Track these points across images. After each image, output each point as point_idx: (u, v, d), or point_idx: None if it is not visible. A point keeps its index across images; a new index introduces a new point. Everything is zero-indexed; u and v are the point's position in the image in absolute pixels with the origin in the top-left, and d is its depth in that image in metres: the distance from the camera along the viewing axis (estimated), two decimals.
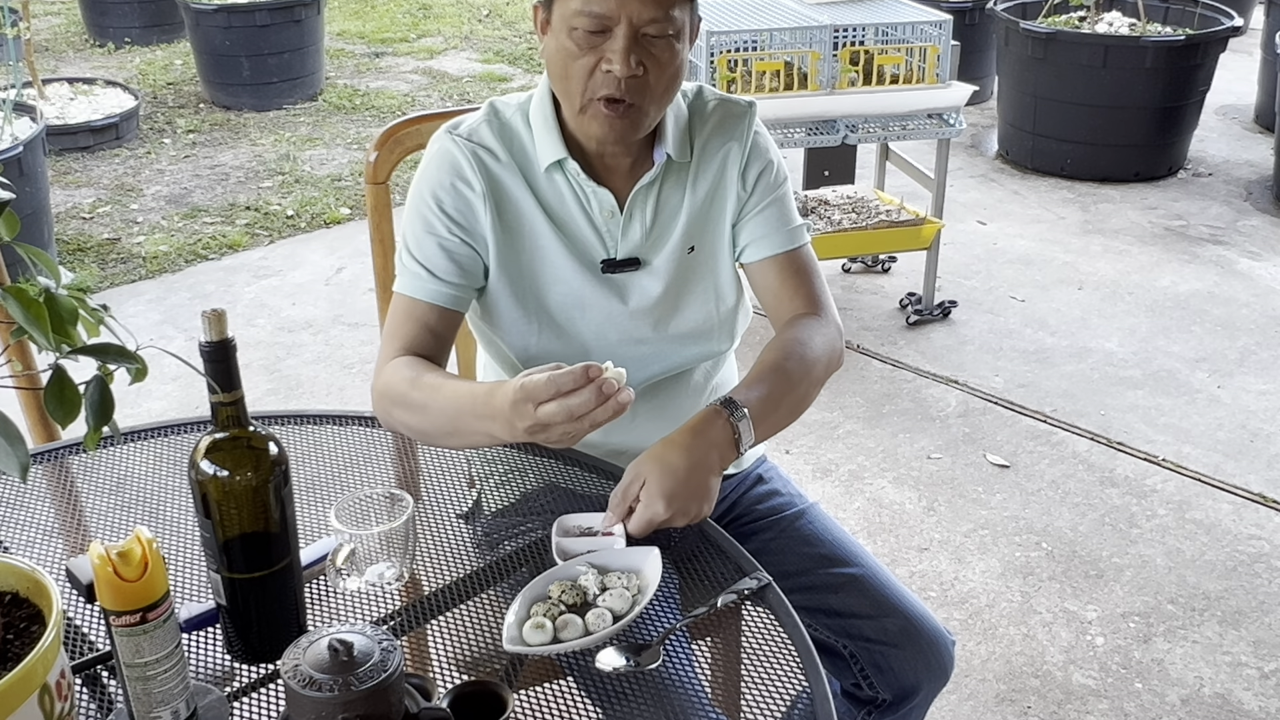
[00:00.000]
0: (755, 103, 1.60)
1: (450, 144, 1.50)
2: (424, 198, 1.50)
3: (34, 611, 1.00)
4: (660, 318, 1.54)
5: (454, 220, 1.48)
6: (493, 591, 1.30)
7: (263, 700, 1.13)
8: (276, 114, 5.85)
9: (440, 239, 1.48)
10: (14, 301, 0.93)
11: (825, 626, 1.56)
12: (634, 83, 1.39)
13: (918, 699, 1.56)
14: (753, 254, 1.59)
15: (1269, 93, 5.41)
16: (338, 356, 3.57)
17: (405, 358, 1.45)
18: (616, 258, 1.51)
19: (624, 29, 1.38)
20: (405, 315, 1.48)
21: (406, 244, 1.51)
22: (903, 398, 3.34)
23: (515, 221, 1.50)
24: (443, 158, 1.50)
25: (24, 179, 3.75)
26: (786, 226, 1.59)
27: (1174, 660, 2.39)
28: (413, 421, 1.42)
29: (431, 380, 1.40)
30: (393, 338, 1.48)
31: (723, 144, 1.56)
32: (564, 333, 1.53)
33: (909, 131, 3.51)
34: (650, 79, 1.41)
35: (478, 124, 1.51)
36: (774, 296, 1.60)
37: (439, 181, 1.49)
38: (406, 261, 1.50)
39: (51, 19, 7.64)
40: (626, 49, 1.38)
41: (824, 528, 1.64)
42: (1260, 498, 2.90)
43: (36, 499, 1.46)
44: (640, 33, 1.38)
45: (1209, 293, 3.98)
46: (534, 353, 1.53)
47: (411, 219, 1.51)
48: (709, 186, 1.55)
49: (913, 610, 1.56)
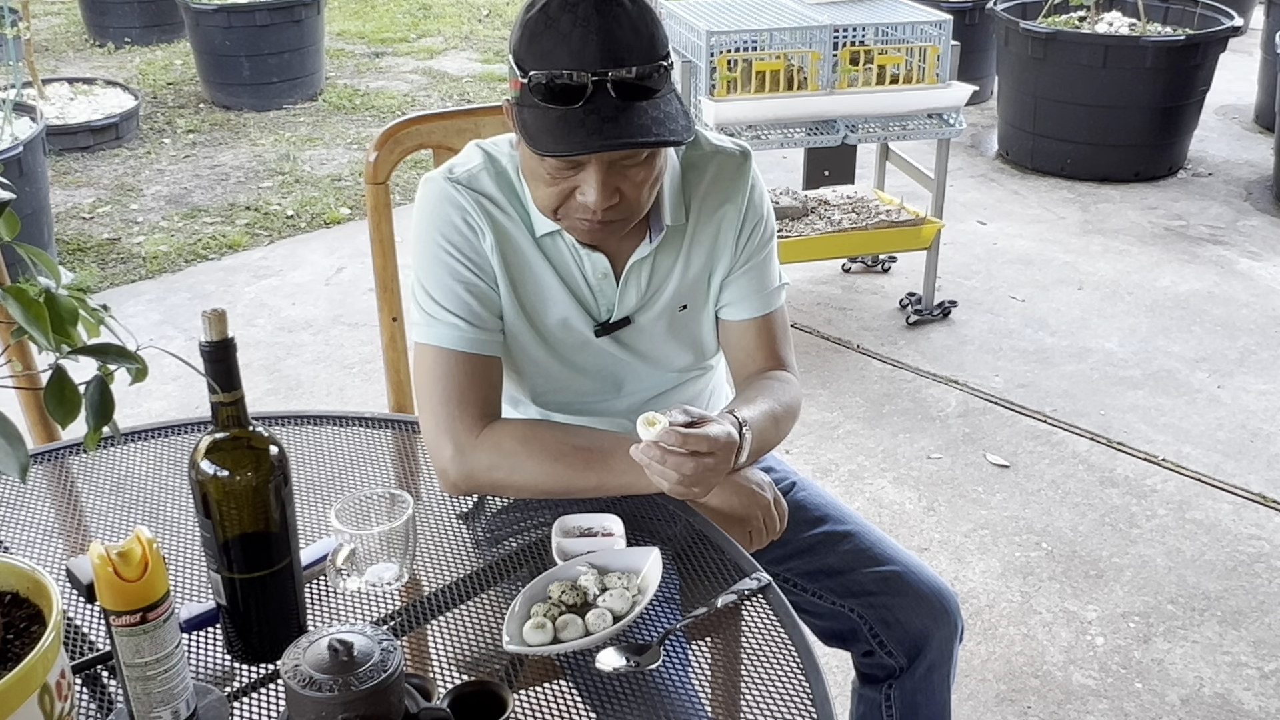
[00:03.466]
0: (750, 152, 1.55)
1: (451, 190, 1.44)
2: (435, 240, 1.44)
3: (34, 611, 1.00)
4: (653, 357, 1.56)
5: (472, 260, 1.44)
6: (493, 591, 1.30)
7: (263, 700, 1.13)
8: (276, 114, 5.85)
9: (468, 284, 1.43)
10: (14, 301, 0.93)
11: (829, 590, 1.60)
12: (612, 209, 1.35)
13: (931, 652, 1.58)
14: (731, 314, 1.58)
15: (1269, 93, 5.41)
16: (338, 356, 3.57)
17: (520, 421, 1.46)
18: (611, 320, 1.51)
19: (596, 165, 1.31)
20: (462, 371, 1.42)
21: (430, 293, 1.44)
22: (903, 398, 3.34)
23: (521, 269, 1.47)
24: (445, 201, 1.45)
25: (24, 179, 3.75)
26: (767, 289, 1.57)
27: (1174, 660, 2.39)
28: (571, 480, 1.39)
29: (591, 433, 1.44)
30: (464, 401, 1.41)
31: (719, 205, 1.51)
32: (572, 365, 1.54)
33: (909, 131, 3.51)
34: (631, 197, 1.36)
35: (476, 171, 1.46)
36: (743, 353, 1.60)
37: (447, 222, 1.44)
38: (434, 311, 1.43)
39: (51, 19, 7.64)
40: (601, 182, 1.32)
41: (817, 493, 1.70)
42: (1260, 498, 2.90)
43: (36, 499, 1.46)
44: (613, 164, 1.32)
45: (1209, 293, 3.98)
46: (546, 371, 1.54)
47: (428, 265, 1.44)
48: (706, 251, 1.52)
49: (910, 559, 1.62)
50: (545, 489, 1.40)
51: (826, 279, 4.07)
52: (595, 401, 1.58)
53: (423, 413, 1.44)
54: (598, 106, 1.27)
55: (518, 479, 1.40)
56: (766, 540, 1.45)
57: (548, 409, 1.58)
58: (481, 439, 1.40)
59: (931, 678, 1.60)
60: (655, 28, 1.31)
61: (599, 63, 1.26)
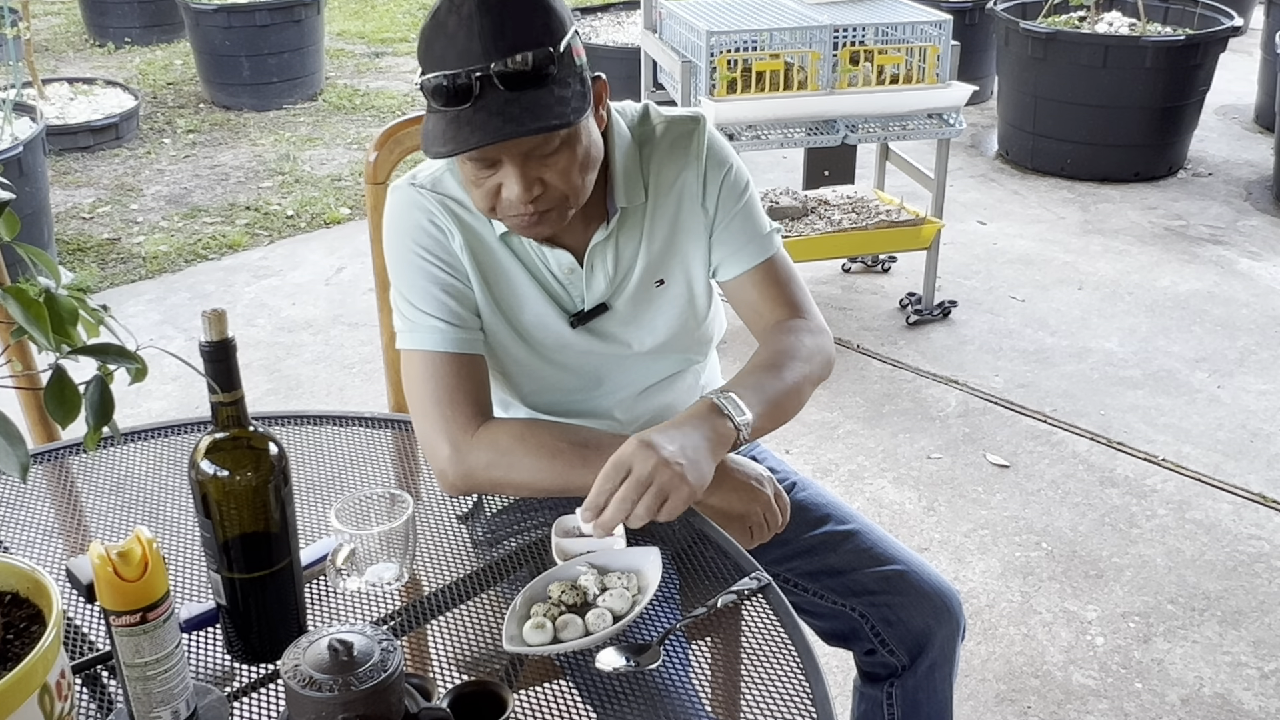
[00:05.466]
0: (703, 115, 1.52)
1: (416, 195, 1.44)
2: (407, 246, 1.44)
3: (34, 611, 1.00)
4: (636, 339, 1.53)
5: (445, 261, 1.44)
6: (493, 591, 1.30)
7: (263, 700, 1.13)
8: (276, 114, 5.85)
9: (444, 285, 1.43)
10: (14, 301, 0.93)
11: (831, 590, 1.60)
12: (540, 199, 1.34)
13: (933, 650, 1.58)
14: (726, 272, 1.54)
15: (1269, 93, 5.41)
16: (338, 356, 3.57)
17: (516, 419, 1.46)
18: (585, 309, 1.50)
19: (513, 162, 1.31)
20: (449, 371, 1.42)
21: (408, 299, 1.44)
22: (903, 398, 3.34)
23: (492, 268, 1.47)
24: (411, 206, 1.45)
25: (24, 179, 3.75)
26: (756, 237, 1.53)
27: (1174, 660, 2.39)
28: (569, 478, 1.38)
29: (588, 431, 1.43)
30: (455, 401, 1.41)
31: (677, 174, 1.49)
32: (553, 363, 1.53)
33: (909, 131, 3.51)
34: (557, 187, 1.34)
35: (440, 173, 1.46)
36: (753, 310, 1.56)
37: (416, 226, 1.44)
38: (415, 317, 1.43)
39: (51, 19, 7.64)
40: (521, 175, 1.31)
41: (818, 493, 1.70)
42: (1260, 498, 2.90)
43: (36, 499, 1.46)
44: (530, 156, 1.31)
45: (1209, 293, 3.98)
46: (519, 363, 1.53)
47: (404, 271, 1.45)
48: (668, 223, 1.50)
49: (911, 558, 1.62)
50: (543, 487, 1.40)
51: (826, 279, 4.07)
52: (581, 400, 1.57)
53: (416, 417, 1.43)
54: (487, 103, 1.26)
55: (515, 476, 1.40)
56: (770, 534, 1.44)
57: (536, 410, 1.57)
58: (478, 437, 1.40)
59: (933, 676, 1.60)
60: (546, 15, 1.28)
61: (482, 57, 1.25)
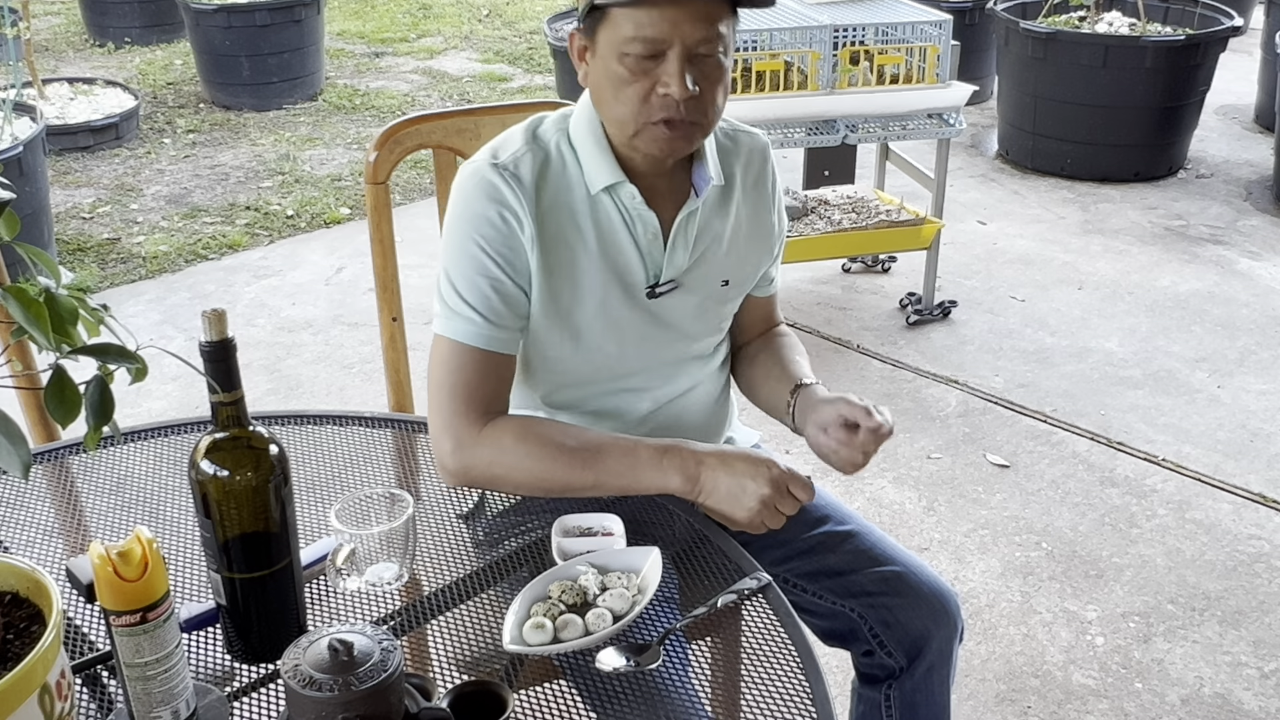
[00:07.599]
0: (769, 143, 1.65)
1: (494, 176, 1.44)
2: (468, 233, 1.44)
3: (34, 611, 1.00)
4: (695, 331, 1.58)
5: (504, 259, 1.43)
6: (493, 591, 1.30)
7: (263, 700, 1.13)
8: (276, 114, 5.85)
9: (494, 280, 1.43)
10: (14, 301, 0.93)
11: (829, 590, 1.61)
12: (692, 103, 1.40)
13: (931, 653, 1.58)
14: (762, 290, 1.69)
15: (1269, 93, 5.41)
16: (338, 356, 3.57)
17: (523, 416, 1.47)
18: (660, 281, 1.51)
19: (677, 51, 1.37)
20: (473, 366, 1.43)
21: (454, 285, 1.44)
22: (903, 398, 3.34)
23: (556, 248, 1.46)
24: (482, 194, 1.44)
25: (24, 179, 3.75)
26: (778, 262, 1.69)
27: (1174, 660, 2.39)
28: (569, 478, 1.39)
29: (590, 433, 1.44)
30: (470, 397, 1.42)
31: (755, 179, 1.60)
32: (586, 348, 1.52)
33: (909, 131, 3.51)
34: (705, 97, 1.41)
35: (521, 154, 1.46)
36: (759, 320, 1.72)
37: (482, 217, 1.43)
38: (455, 304, 1.44)
39: (51, 19, 7.64)
40: (681, 71, 1.37)
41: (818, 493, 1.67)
42: (1260, 498, 2.90)
43: (36, 499, 1.46)
44: (692, 53, 1.38)
45: (1209, 293, 3.98)
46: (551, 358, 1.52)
47: (457, 258, 1.44)
48: (746, 221, 1.59)
49: (910, 560, 1.63)
50: (543, 486, 1.40)
51: (826, 279, 4.07)
52: (606, 396, 1.56)
53: (430, 402, 1.45)
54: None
55: (516, 475, 1.40)
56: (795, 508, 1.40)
57: (555, 408, 1.57)
58: (482, 435, 1.40)
59: (931, 678, 1.60)
60: None
61: None
